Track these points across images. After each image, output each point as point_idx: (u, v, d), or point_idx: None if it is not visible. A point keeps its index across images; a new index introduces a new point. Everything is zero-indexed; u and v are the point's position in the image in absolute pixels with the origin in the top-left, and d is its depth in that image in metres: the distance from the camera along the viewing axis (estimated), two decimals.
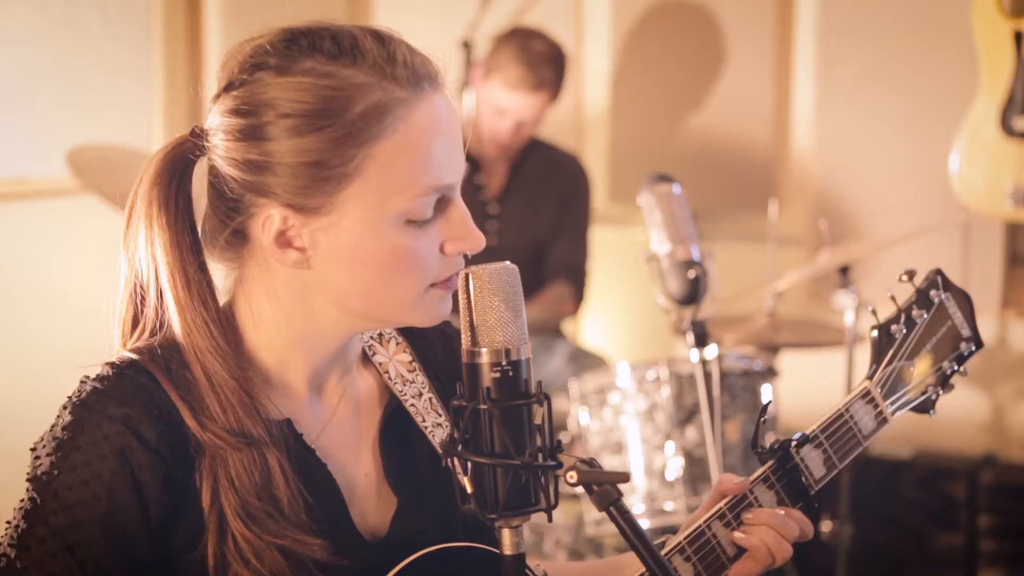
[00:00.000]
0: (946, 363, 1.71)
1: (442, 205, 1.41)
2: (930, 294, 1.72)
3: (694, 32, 4.59)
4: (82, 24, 3.60)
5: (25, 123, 3.48)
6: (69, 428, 1.35)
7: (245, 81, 1.38)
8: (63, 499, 1.33)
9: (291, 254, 1.39)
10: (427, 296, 1.41)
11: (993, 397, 4.25)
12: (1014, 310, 4.17)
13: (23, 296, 3.48)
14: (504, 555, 1.32)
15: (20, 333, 3.46)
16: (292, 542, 1.37)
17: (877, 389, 1.65)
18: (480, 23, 4.37)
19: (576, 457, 1.31)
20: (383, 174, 1.36)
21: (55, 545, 1.33)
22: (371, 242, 1.37)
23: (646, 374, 3.08)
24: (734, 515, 1.53)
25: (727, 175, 4.55)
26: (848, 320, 3.30)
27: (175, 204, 1.42)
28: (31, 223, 3.54)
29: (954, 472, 4.09)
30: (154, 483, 1.35)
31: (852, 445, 1.62)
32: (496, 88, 3.76)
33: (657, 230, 2.43)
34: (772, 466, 1.57)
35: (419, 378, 1.59)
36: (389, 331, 1.60)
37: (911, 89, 4.20)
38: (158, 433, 1.35)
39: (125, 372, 1.38)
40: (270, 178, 1.36)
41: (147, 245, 1.42)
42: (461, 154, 1.42)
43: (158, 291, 1.42)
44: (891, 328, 1.68)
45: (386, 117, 1.36)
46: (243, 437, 1.38)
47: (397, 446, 1.54)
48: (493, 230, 3.93)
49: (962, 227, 4.12)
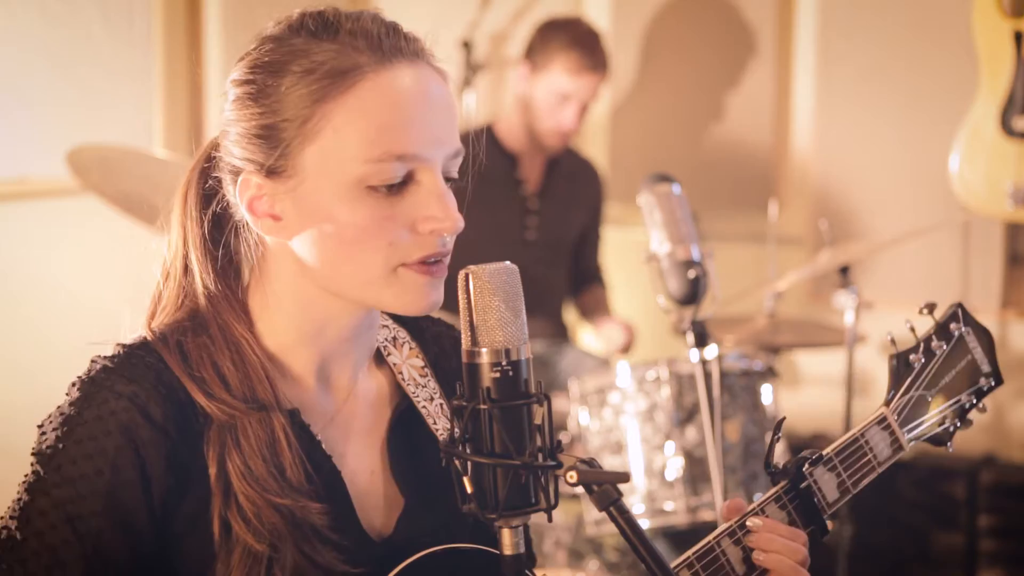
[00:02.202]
0: (964, 396, 1.72)
1: (412, 179, 1.39)
2: (950, 327, 1.71)
3: (694, 32, 4.59)
4: (82, 24, 3.60)
5: (25, 123, 3.47)
6: (76, 404, 1.37)
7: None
8: (66, 472, 1.34)
9: (266, 222, 1.42)
10: (398, 277, 1.40)
11: (993, 397, 4.22)
12: (1014, 310, 4.17)
13: (23, 296, 3.48)
14: (504, 555, 1.32)
15: (20, 333, 3.46)
16: (292, 503, 1.38)
17: (894, 416, 1.65)
18: (480, 23, 4.38)
19: (576, 457, 1.31)
20: (340, 135, 1.37)
21: (56, 517, 1.34)
22: (332, 207, 1.38)
23: (646, 374, 3.08)
24: (744, 533, 1.50)
25: (727, 175, 4.55)
26: (848, 320, 3.30)
27: (202, 188, 1.48)
28: (31, 223, 3.53)
29: (954, 472, 4.09)
30: (158, 461, 1.36)
31: (867, 471, 1.61)
32: (556, 76, 3.80)
33: (657, 230, 2.43)
34: (785, 486, 1.55)
35: (431, 383, 1.59)
36: (403, 336, 1.61)
37: (911, 89, 4.20)
38: (164, 412, 1.37)
39: (135, 352, 1.41)
40: (243, 144, 1.41)
41: (179, 227, 1.48)
42: (440, 129, 1.40)
43: (185, 266, 1.47)
44: (910, 357, 1.67)
45: (345, 79, 1.37)
46: (253, 403, 1.40)
47: (406, 446, 1.54)
48: (533, 225, 3.99)
49: (962, 227, 4.12)
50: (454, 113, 1.43)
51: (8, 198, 3.46)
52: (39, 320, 3.49)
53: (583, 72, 3.79)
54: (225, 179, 1.45)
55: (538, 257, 3.96)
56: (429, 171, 1.39)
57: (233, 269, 1.48)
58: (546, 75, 3.81)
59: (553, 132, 3.86)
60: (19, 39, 3.46)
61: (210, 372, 1.41)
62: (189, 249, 1.47)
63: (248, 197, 1.42)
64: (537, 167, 4.01)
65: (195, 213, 1.48)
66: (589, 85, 3.82)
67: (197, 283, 1.46)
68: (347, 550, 1.42)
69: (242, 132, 1.41)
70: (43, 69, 3.51)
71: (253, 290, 1.48)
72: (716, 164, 4.55)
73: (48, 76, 3.53)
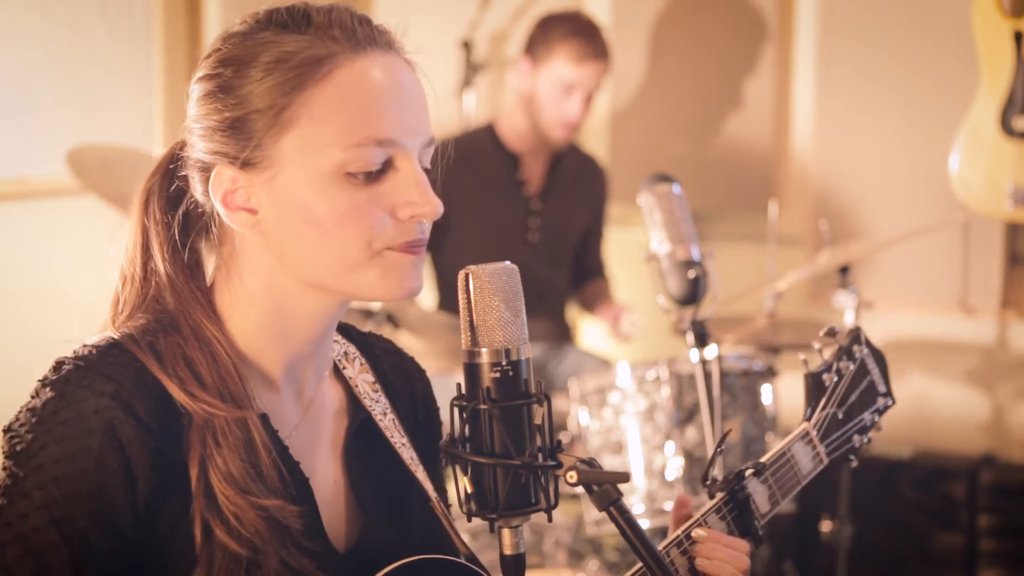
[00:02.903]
0: (867, 415, 1.81)
1: (391, 165, 1.39)
2: (853, 349, 1.81)
3: (695, 32, 4.59)
4: (82, 24, 3.60)
5: (25, 123, 3.47)
6: (50, 403, 1.32)
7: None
8: (48, 472, 1.30)
9: (241, 216, 1.40)
10: (381, 260, 1.39)
11: (993, 397, 4.24)
12: (1014, 310, 4.16)
13: (23, 296, 3.48)
14: (504, 555, 1.32)
15: (20, 333, 3.46)
16: (272, 505, 1.36)
17: (815, 431, 1.73)
18: (480, 23, 4.38)
19: (576, 457, 1.31)
20: (317, 123, 1.36)
21: (39, 519, 1.29)
22: (311, 196, 1.37)
23: (646, 374, 3.08)
24: (690, 543, 1.55)
25: (727, 175, 4.55)
26: (848, 320, 3.30)
27: (167, 190, 1.47)
28: (31, 223, 3.53)
29: (954, 472, 4.09)
30: (143, 460, 1.32)
31: (792, 484, 1.70)
32: (559, 66, 3.76)
33: (657, 230, 2.43)
34: (725, 498, 1.61)
35: (382, 399, 1.59)
36: (353, 351, 1.60)
37: (911, 89, 4.20)
38: (147, 409, 1.34)
39: (109, 351, 1.37)
40: (213, 138, 1.40)
41: (138, 231, 1.47)
42: (415, 119, 1.40)
43: (150, 268, 1.45)
44: (823, 376, 1.76)
45: (321, 67, 1.36)
46: (231, 400, 1.38)
47: (364, 458, 1.53)
48: (535, 227, 3.96)
49: (962, 227, 4.12)
50: (426, 103, 1.43)
51: (8, 198, 3.46)
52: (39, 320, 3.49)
53: (586, 60, 3.76)
54: (193, 177, 1.44)
55: (541, 258, 3.95)
56: (407, 157, 1.39)
57: (199, 270, 1.47)
58: (548, 67, 3.78)
59: (558, 124, 3.81)
60: (19, 39, 3.46)
61: (185, 371, 1.38)
62: (152, 253, 1.45)
63: (222, 191, 1.40)
64: (539, 167, 3.98)
65: (159, 215, 1.46)
66: (593, 74, 3.78)
67: (164, 284, 1.44)
68: (319, 557, 1.40)
69: (212, 126, 1.40)
70: (43, 69, 3.51)
71: (220, 289, 1.46)
72: (716, 164, 4.55)
73: (48, 76, 3.53)
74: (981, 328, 4.23)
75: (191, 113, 1.43)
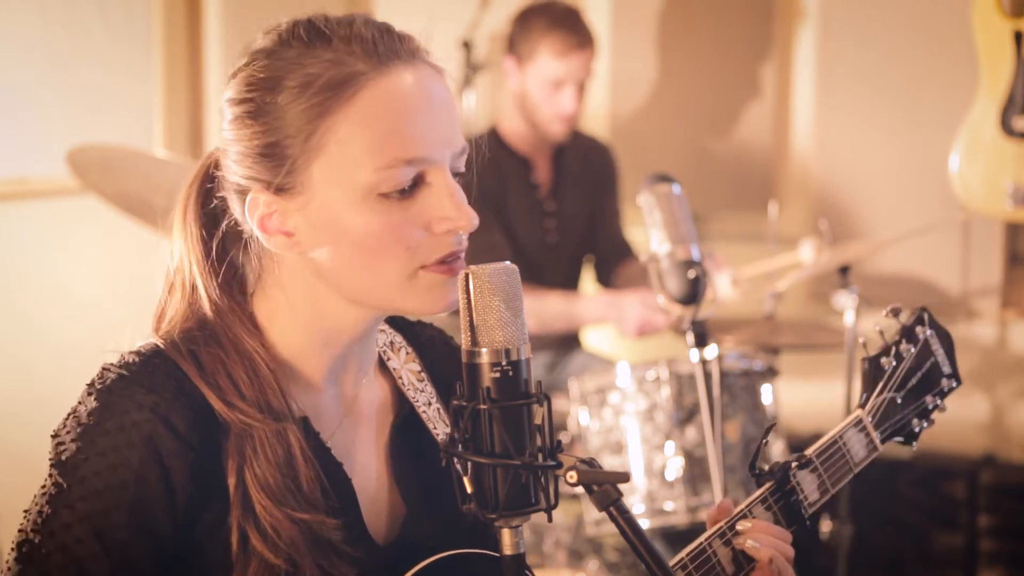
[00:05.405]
0: (929, 397, 1.78)
1: (423, 181, 1.38)
2: (916, 330, 1.78)
3: (694, 33, 4.59)
4: (82, 24, 3.60)
5: (25, 123, 3.47)
6: (95, 413, 1.35)
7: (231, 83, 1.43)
8: (91, 485, 1.33)
9: (279, 239, 1.41)
10: (418, 279, 1.39)
11: (993, 397, 4.24)
12: (1014, 310, 4.17)
13: (23, 296, 3.48)
14: (504, 555, 1.32)
15: (20, 333, 3.46)
16: (311, 518, 1.38)
17: (869, 418, 1.72)
18: (480, 23, 4.37)
19: (576, 457, 1.31)
20: (346, 147, 1.36)
21: (81, 531, 1.32)
22: (345, 219, 1.37)
23: (646, 374, 3.08)
24: (734, 534, 1.55)
25: (727, 175, 4.55)
26: (848, 320, 3.30)
27: (205, 207, 1.47)
28: (31, 223, 3.53)
29: (954, 472, 4.09)
30: (181, 471, 1.35)
31: (844, 471, 1.68)
32: (545, 63, 3.71)
33: (657, 230, 2.43)
34: (771, 487, 1.60)
35: (428, 387, 1.59)
36: (399, 340, 1.61)
37: (911, 89, 4.20)
38: (187, 421, 1.36)
39: (151, 359, 1.39)
40: (246, 163, 1.39)
41: (182, 244, 1.47)
42: (444, 129, 1.39)
43: (191, 283, 1.46)
44: (881, 360, 1.74)
45: (344, 91, 1.36)
46: (269, 413, 1.39)
47: (408, 452, 1.54)
48: (552, 227, 3.90)
49: (962, 227, 4.12)
50: (456, 110, 1.42)
51: (8, 198, 3.46)
52: (39, 320, 3.49)
53: (571, 52, 3.70)
54: (231, 198, 1.44)
55: (561, 258, 3.90)
56: (439, 171, 1.38)
57: (238, 282, 1.47)
58: (534, 64, 3.74)
59: (555, 120, 3.76)
60: (19, 39, 3.46)
61: (226, 381, 1.39)
62: (193, 267, 1.46)
63: (259, 216, 1.40)
64: (546, 165, 3.93)
65: (195, 230, 1.47)
66: (580, 64, 3.73)
67: (203, 299, 1.45)
68: (359, 561, 1.41)
69: (244, 151, 1.39)
70: (43, 69, 3.51)
71: (261, 299, 1.46)
72: (716, 164, 4.55)
73: (48, 76, 3.53)
74: (981, 328, 4.23)
75: (226, 136, 1.43)
